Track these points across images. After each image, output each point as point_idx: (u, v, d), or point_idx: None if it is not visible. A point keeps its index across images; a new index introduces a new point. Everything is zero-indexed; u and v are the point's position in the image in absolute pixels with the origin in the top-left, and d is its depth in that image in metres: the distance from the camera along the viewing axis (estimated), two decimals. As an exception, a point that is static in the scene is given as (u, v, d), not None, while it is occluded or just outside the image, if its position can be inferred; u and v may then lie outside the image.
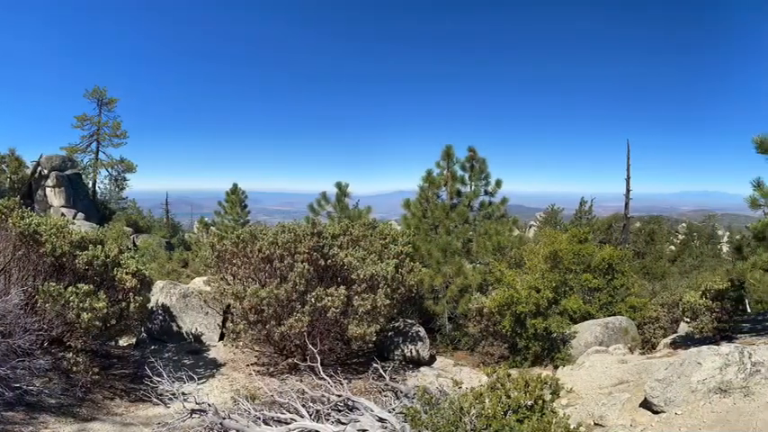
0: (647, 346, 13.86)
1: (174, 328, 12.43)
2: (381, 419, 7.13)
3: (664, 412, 7.20)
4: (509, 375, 6.21)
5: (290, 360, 10.72)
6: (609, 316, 15.38)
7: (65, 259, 8.91)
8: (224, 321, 12.41)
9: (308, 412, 7.45)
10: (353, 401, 7.74)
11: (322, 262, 10.57)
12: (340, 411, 7.73)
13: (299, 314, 9.97)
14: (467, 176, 16.74)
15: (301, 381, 9.35)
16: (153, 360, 9.60)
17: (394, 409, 7.57)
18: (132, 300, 9.25)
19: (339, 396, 7.92)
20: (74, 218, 33.83)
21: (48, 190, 36.59)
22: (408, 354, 12.05)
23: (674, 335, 13.82)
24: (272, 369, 10.96)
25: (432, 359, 12.88)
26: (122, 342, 12.82)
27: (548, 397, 6.04)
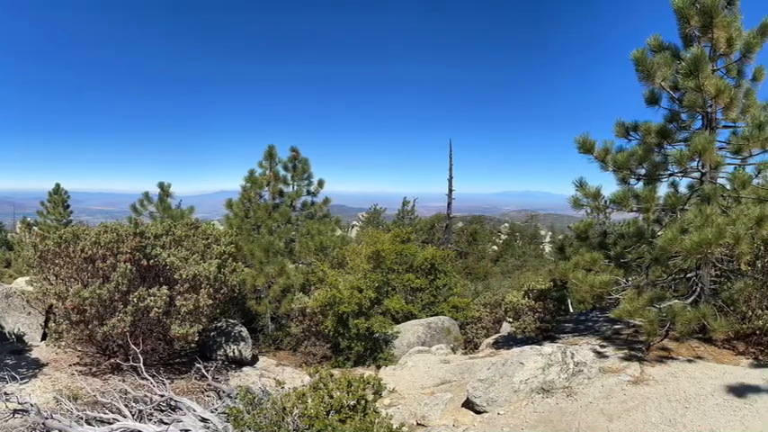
0: (470, 346, 14.87)
1: (-4, 328, 12.01)
2: (204, 419, 7.38)
3: (486, 412, 7.71)
4: (332, 375, 6.53)
5: (112, 360, 10.87)
6: (432, 316, 16.40)
7: None
8: (46, 321, 12.41)
9: (130, 412, 7.61)
10: (176, 401, 7.97)
11: (144, 262, 10.79)
12: (163, 411, 7.91)
13: (121, 314, 10.14)
14: (289, 176, 17.98)
15: (124, 381, 9.53)
16: (-27, 361, 9.07)
17: (216, 410, 7.85)
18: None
19: (162, 396, 8.12)
20: None
21: None
22: (231, 354, 12.49)
23: (497, 335, 14.81)
24: (94, 369, 11.04)
25: (254, 359, 13.38)
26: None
27: (370, 397, 6.38)
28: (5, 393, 8.05)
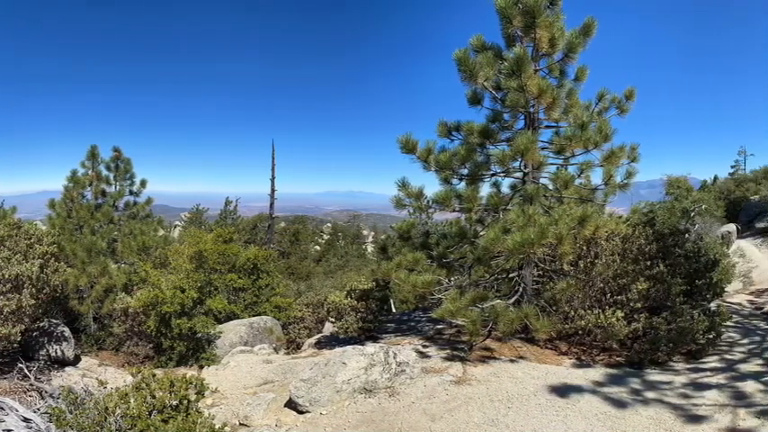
0: (293, 346, 14.72)
1: None
2: (26, 419, 6.90)
3: (309, 412, 7.49)
4: (154, 375, 6.23)
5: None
6: (254, 316, 16.42)
7: None
8: None
9: (-52, 413, 6.93)
10: (-2, 401, 7.42)
11: (-36, 262, 9.98)
12: (-17, 412, 7.33)
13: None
14: (112, 176, 17.75)
15: (-59, 382, 8.59)
16: None
17: (39, 409, 7.43)
18: None
19: (-18, 396, 7.43)
20: None
21: None
22: (54, 354, 11.87)
23: (320, 335, 14.69)
24: None
25: (77, 359, 12.82)
26: None
27: (193, 397, 6.15)
28: None
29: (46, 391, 9.12)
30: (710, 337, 9.40)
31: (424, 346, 10.08)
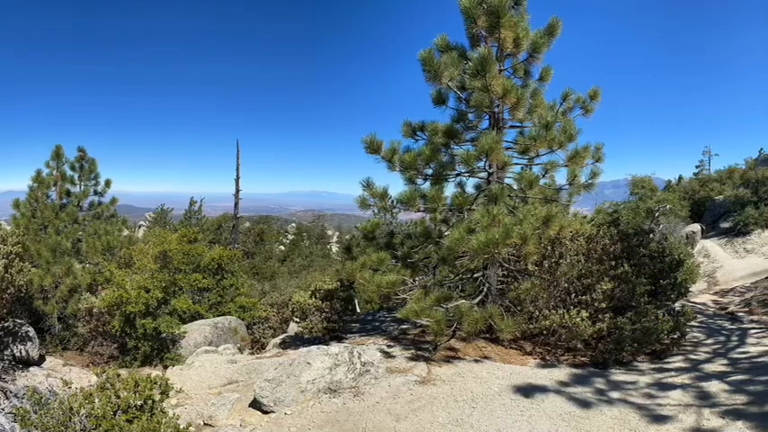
0: (257, 346, 14.72)
1: None
2: None
3: (273, 412, 7.47)
4: (119, 375, 6.27)
5: None
6: (219, 316, 16.46)
7: None
8: None
9: None
10: (-38, 402, 7.31)
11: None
12: (-52, 411, 7.27)
13: None
14: (77, 176, 18.09)
15: None
16: None
17: (3, 409, 7.55)
18: None
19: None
20: None
21: None
22: (18, 354, 11.83)
23: (284, 335, 14.63)
24: None
25: (42, 359, 12.74)
26: None
27: (157, 397, 6.17)
28: None
29: (10, 391, 9.14)
30: (675, 337, 9.50)
31: (389, 346, 10.07)
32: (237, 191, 34.63)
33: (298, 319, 13.32)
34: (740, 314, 13.54)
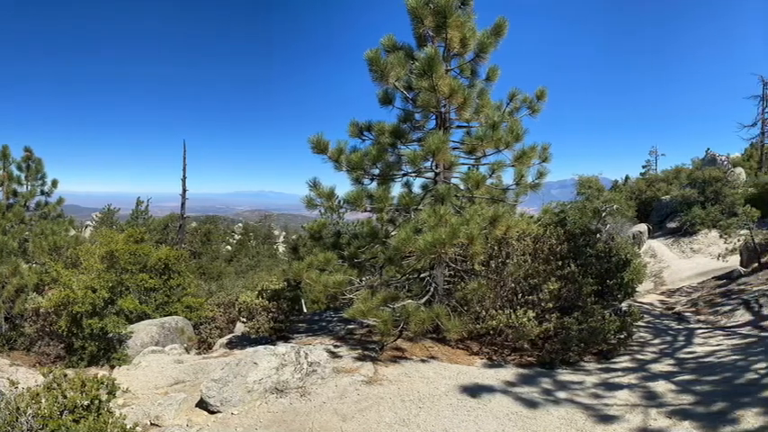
0: (204, 346, 14.54)
1: None
2: None
3: (220, 412, 7.44)
4: (65, 375, 6.22)
5: None
6: (166, 316, 16.22)
7: None
8: None
9: None
10: None
11: None
12: None
13: None
14: (23, 176, 18.10)
15: None
16: None
17: None
18: None
19: None
20: None
21: None
22: None
23: (231, 335, 14.57)
24: None
25: None
26: None
27: (104, 397, 6.13)
28: None
29: (-43, 391, 8.77)
30: (622, 337, 9.67)
31: (336, 347, 10.05)
32: (184, 191, 34.50)
33: (245, 320, 13.26)
34: (687, 314, 13.85)
